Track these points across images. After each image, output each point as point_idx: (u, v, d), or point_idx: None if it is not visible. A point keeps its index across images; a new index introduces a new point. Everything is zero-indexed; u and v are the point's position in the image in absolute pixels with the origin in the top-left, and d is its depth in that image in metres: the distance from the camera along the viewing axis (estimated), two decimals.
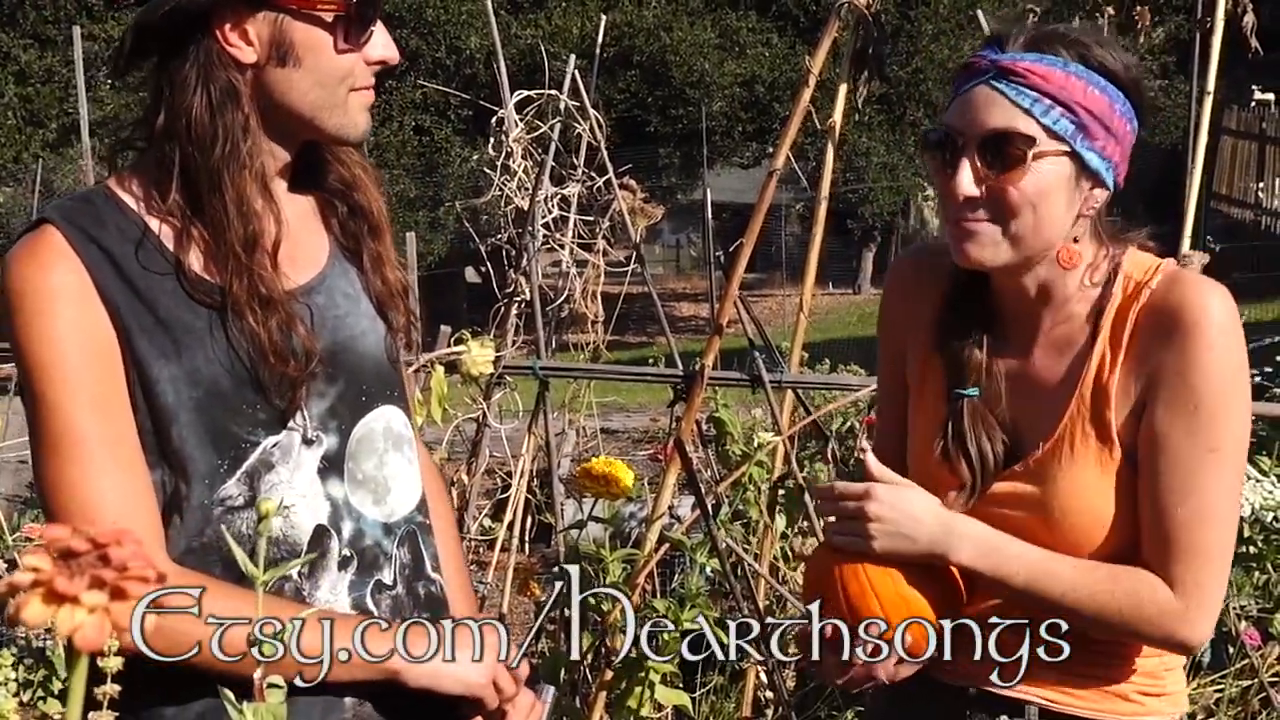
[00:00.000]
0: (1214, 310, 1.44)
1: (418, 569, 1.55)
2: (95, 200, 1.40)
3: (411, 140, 18.15)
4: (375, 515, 1.49)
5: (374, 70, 1.46)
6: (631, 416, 9.22)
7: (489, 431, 3.50)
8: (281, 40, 1.38)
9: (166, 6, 1.35)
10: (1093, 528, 1.51)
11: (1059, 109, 1.43)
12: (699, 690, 3.43)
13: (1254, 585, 3.41)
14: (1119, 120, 1.47)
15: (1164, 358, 1.46)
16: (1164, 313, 1.47)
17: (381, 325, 1.54)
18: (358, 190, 1.54)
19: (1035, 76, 1.43)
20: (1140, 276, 1.51)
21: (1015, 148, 1.43)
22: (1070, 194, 1.46)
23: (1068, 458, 1.51)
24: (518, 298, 3.40)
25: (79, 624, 0.46)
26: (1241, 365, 1.46)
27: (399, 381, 1.59)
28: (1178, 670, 1.62)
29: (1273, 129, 16.12)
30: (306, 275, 1.48)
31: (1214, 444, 1.45)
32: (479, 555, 3.95)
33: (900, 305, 1.70)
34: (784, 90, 18.12)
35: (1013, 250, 1.48)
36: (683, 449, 2.82)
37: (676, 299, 21.77)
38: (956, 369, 1.58)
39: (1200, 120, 3.18)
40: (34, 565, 0.47)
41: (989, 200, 1.46)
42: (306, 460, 1.43)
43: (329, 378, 1.45)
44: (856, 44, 2.88)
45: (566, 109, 3.49)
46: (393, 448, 1.53)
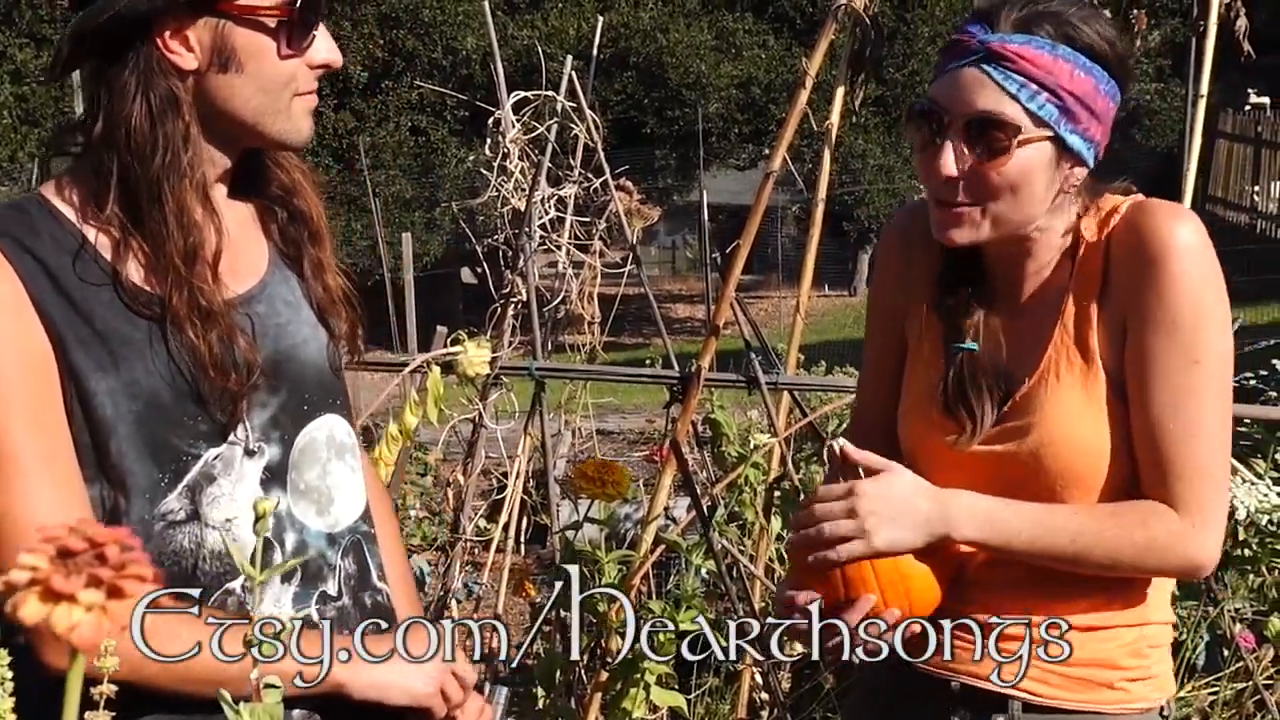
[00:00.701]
0: (1180, 231, 1.47)
1: (364, 579, 1.52)
2: (29, 209, 1.36)
3: (408, 141, 18.14)
4: (318, 526, 1.46)
5: (317, 75, 1.43)
6: (627, 418, 9.23)
7: (485, 432, 3.50)
8: (223, 46, 1.35)
9: (106, 14, 1.31)
10: (1080, 455, 1.51)
11: (1045, 94, 1.45)
12: (694, 692, 3.43)
13: (1249, 588, 3.41)
14: (1102, 100, 1.49)
15: (1139, 282, 1.48)
16: (1134, 237, 1.50)
17: (323, 333, 1.52)
18: (297, 196, 1.51)
19: (1024, 61, 1.45)
20: (1107, 207, 1.55)
21: (1000, 133, 1.45)
22: (1050, 174, 1.49)
23: (1053, 385, 1.53)
24: (514, 299, 3.40)
25: (76, 622, 0.46)
26: (1214, 280, 1.48)
27: (342, 390, 1.56)
28: (1162, 651, 1.62)
29: (1268, 132, 16.16)
30: (247, 284, 1.45)
31: (1196, 356, 1.47)
32: (474, 556, 3.95)
33: (896, 265, 1.72)
34: (780, 92, 18.13)
35: (992, 229, 1.51)
36: (679, 450, 2.82)
37: (672, 300, 21.77)
38: (954, 325, 1.60)
39: (1195, 123, 3.19)
40: (31, 563, 0.46)
41: (969, 180, 1.48)
42: (249, 472, 1.41)
43: (271, 388, 1.43)
44: (854, 46, 2.88)
45: (563, 110, 3.49)
46: (335, 457, 1.50)
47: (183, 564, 1.36)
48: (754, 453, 3.32)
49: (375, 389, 3.94)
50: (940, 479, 1.59)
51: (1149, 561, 1.50)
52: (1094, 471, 1.51)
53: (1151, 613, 1.59)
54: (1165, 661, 1.63)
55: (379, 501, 1.64)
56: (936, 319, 1.64)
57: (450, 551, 3.65)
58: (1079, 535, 1.48)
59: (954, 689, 1.60)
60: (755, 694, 3.38)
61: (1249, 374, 4.43)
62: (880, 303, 1.75)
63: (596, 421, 4.81)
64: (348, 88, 17.55)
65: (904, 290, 1.70)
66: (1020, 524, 1.50)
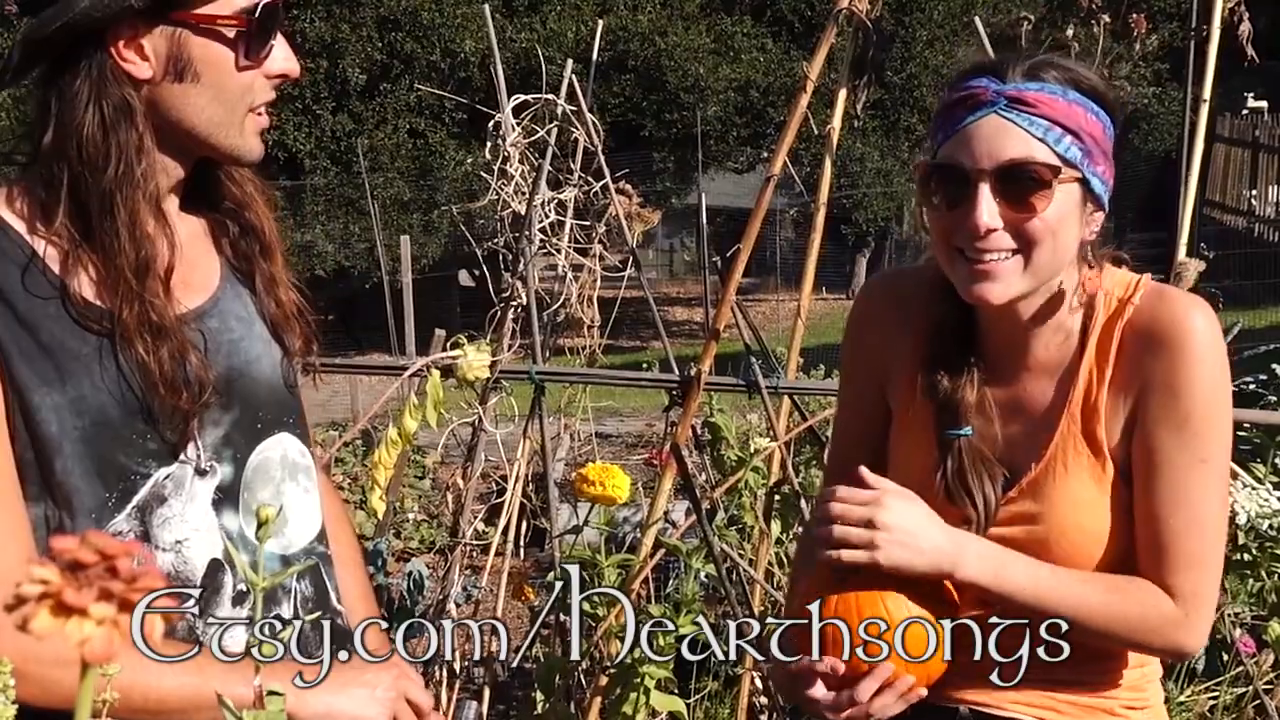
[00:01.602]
0: (1198, 325, 1.47)
1: (321, 601, 1.49)
2: None
3: (406, 143, 18.13)
4: (271, 547, 1.43)
5: (275, 84, 1.40)
6: (625, 421, 9.22)
7: (484, 435, 3.50)
8: (179, 56, 1.32)
9: (58, 22, 1.28)
10: (1089, 542, 1.52)
11: (1069, 136, 1.44)
12: (693, 696, 3.42)
13: (1248, 593, 3.40)
14: (1108, 143, 1.49)
15: (1152, 373, 1.48)
16: (1150, 329, 1.49)
17: (277, 349, 1.49)
18: (249, 209, 1.48)
19: (1044, 105, 1.43)
20: (1122, 293, 1.52)
21: (1037, 176, 1.42)
22: (1079, 219, 1.48)
23: (1061, 475, 1.52)
24: (514, 302, 3.39)
25: (87, 636, 0.45)
26: (1225, 377, 1.49)
27: (297, 408, 1.52)
28: (1157, 683, 1.66)
29: (1265, 136, 16.17)
30: (198, 299, 1.42)
31: (1204, 454, 1.48)
32: (473, 559, 3.95)
33: (876, 331, 1.68)
34: (778, 95, 18.14)
35: (1031, 280, 1.47)
36: (679, 454, 2.82)
37: (670, 303, 21.77)
38: (948, 409, 1.56)
39: (1196, 127, 3.18)
40: (42, 577, 0.46)
41: (1009, 233, 1.44)
42: (200, 492, 1.37)
43: (223, 405, 1.39)
44: (855, 50, 2.88)
45: (564, 113, 3.49)
46: (289, 477, 1.47)
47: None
48: (754, 457, 3.32)
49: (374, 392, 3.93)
50: None
51: (1138, 638, 1.52)
52: (1099, 552, 1.53)
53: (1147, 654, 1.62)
54: (1159, 693, 1.67)
55: (337, 521, 1.60)
56: (925, 400, 1.59)
57: (449, 555, 3.65)
58: (1080, 604, 1.49)
59: (962, 714, 1.61)
60: (754, 699, 3.37)
61: (1248, 379, 4.42)
62: (858, 368, 1.71)
63: (595, 425, 4.81)
64: (346, 90, 17.54)
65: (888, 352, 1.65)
66: (1026, 580, 1.50)
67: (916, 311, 1.61)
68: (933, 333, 1.58)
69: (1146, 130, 18.04)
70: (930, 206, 1.49)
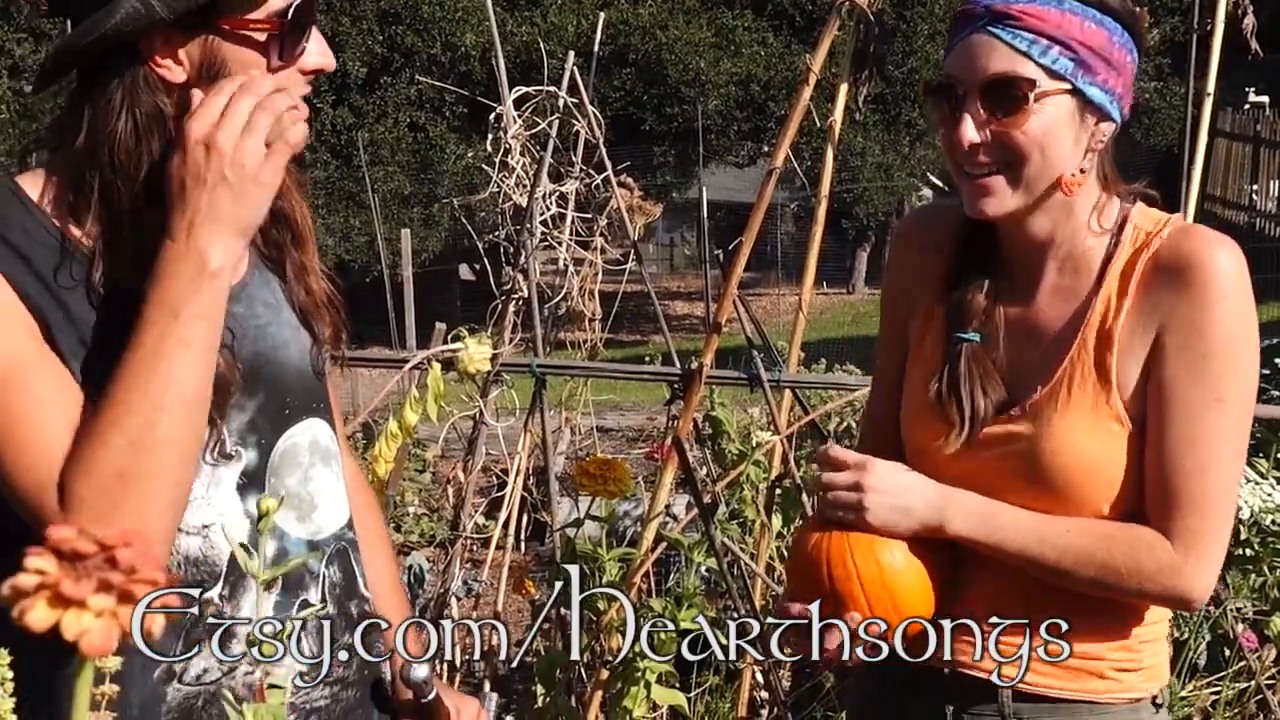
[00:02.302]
0: (1224, 263, 1.46)
1: (350, 587, 1.48)
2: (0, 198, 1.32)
3: (406, 137, 18.13)
4: (299, 533, 1.43)
5: (309, 80, 1.40)
6: (626, 415, 9.22)
7: (485, 429, 3.49)
8: (213, 60, 1.32)
9: (92, 36, 1.28)
10: (1081, 473, 1.50)
11: (1057, 48, 1.43)
12: (694, 690, 3.42)
13: (1251, 588, 3.40)
14: (1118, 52, 1.47)
15: (1175, 306, 1.46)
16: (1176, 262, 1.47)
17: (306, 336, 1.48)
18: (282, 197, 1.46)
19: (1030, 18, 1.43)
20: (1150, 228, 1.51)
21: (1016, 91, 1.43)
22: (1076, 130, 1.47)
23: (1064, 400, 1.51)
24: (515, 295, 3.38)
25: (86, 628, 0.45)
26: (1252, 320, 1.47)
27: (325, 394, 1.52)
28: (1157, 644, 1.61)
29: (1267, 131, 16.15)
30: None
31: (1221, 393, 1.45)
32: (474, 553, 3.94)
33: (908, 262, 1.70)
34: (779, 89, 18.13)
35: (1024, 195, 1.48)
36: (681, 448, 2.81)
37: (671, 297, 21.76)
38: (958, 314, 1.58)
39: (1198, 122, 3.18)
40: (39, 568, 0.45)
41: (995, 147, 1.46)
42: (224, 477, 1.37)
43: (248, 390, 1.39)
44: (857, 43, 2.87)
45: (565, 106, 3.48)
46: (320, 462, 1.47)
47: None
48: (755, 450, 3.32)
49: (375, 385, 3.93)
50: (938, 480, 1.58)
51: (1132, 584, 1.49)
52: (1090, 486, 1.50)
53: (1145, 613, 1.59)
54: (1159, 654, 1.63)
55: (367, 509, 1.60)
56: (943, 312, 1.61)
57: (450, 549, 3.64)
58: (1070, 550, 1.48)
59: (946, 675, 1.60)
60: (756, 692, 3.37)
61: None
62: (891, 307, 1.73)
63: (596, 418, 4.80)
64: (346, 84, 17.53)
65: (914, 289, 1.67)
66: (1014, 531, 1.50)
67: (945, 239, 1.62)
68: (955, 251, 1.61)
69: (1148, 125, 18.03)
70: (936, 125, 1.52)
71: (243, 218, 1.27)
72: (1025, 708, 1.57)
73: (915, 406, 1.63)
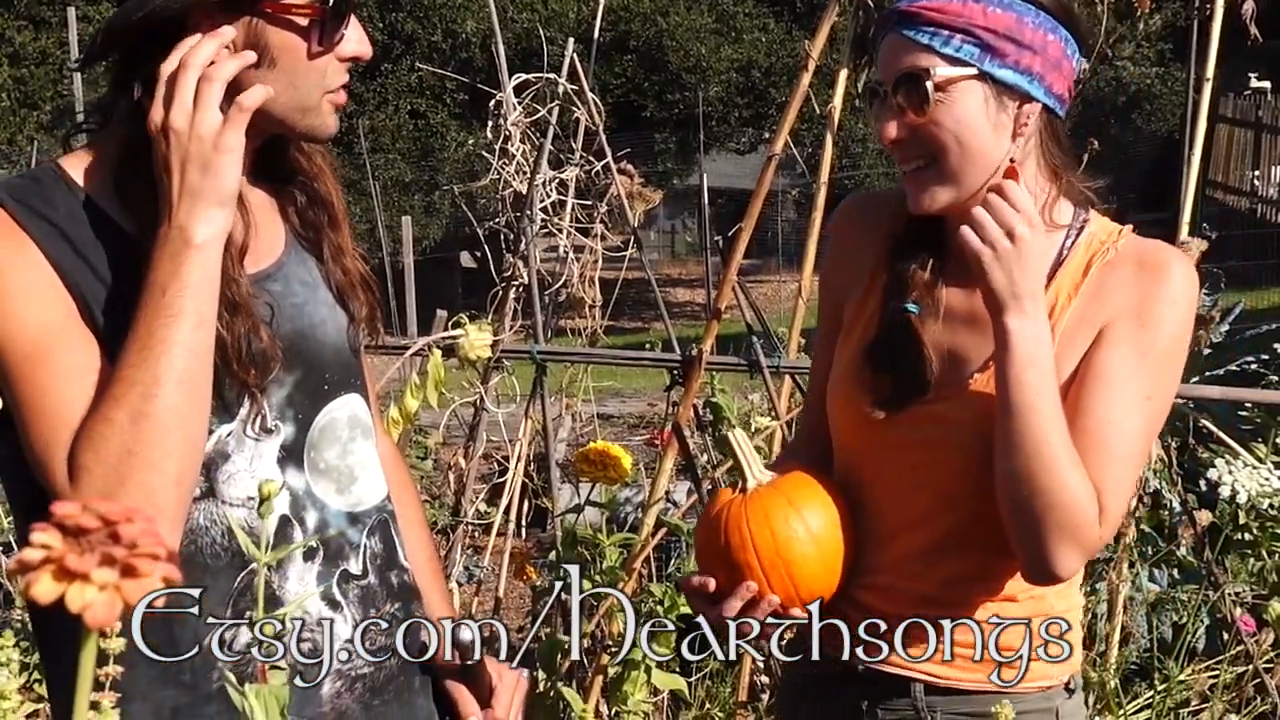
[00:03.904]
0: (1179, 271, 1.49)
1: (390, 558, 1.52)
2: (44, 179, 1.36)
3: (407, 124, 18.12)
4: (339, 505, 1.47)
5: (347, 67, 1.43)
6: (626, 402, 9.23)
7: (486, 416, 3.50)
8: (256, 43, 1.35)
9: (140, 12, 1.31)
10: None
11: (959, 36, 1.45)
12: (695, 675, 3.44)
13: (1249, 572, 3.42)
14: (1031, 32, 1.46)
15: (1126, 302, 1.48)
16: (1131, 262, 1.50)
17: (342, 314, 1.52)
18: (319, 181, 1.52)
19: (930, 12, 1.46)
20: (1104, 237, 1.54)
21: (920, 83, 1.46)
22: (995, 116, 1.48)
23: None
24: (516, 282, 3.39)
25: (89, 601, 0.46)
26: (1188, 332, 1.50)
27: (361, 372, 1.56)
28: (1069, 633, 1.60)
29: (1268, 117, 16.13)
30: (263, 263, 1.46)
31: (1151, 392, 1.47)
32: (475, 539, 3.95)
33: (847, 247, 1.70)
34: (780, 76, 18.11)
35: (955, 187, 1.49)
36: (681, 434, 2.82)
37: (671, 284, 21.75)
38: (898, 286, 1.57)
39: (1199, 108, 3.18)
40: (44, 542, 0.46)
41: (914, 142, 1.49)
42: (265, 450, 1.41)
43: (287, 366, 1.42)
44: (857, 29, 2.88)
45: (565, 93, 3.48)
46: (360, 436, 1.51)
47: (198, 541, 1.36)
48: (755, 436, 3.32)
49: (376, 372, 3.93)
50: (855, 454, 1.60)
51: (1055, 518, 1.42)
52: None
53: (1055, 601, 1.58)
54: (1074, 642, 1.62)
55: (401, 483, 1.65)
56: (883, 283, 1.60)
57: (451, 535, 3.66)
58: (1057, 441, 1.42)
59: (860, 671, 1.62)
60: (756, 677, 3.38)
61: (1249, 358, 4.42)
62: (827, 293, 1.72)
63: (597, 405, 4.81)
64: None
65: (853, 271, 1.66)
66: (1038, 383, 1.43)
67: (885, 220, 1.62)
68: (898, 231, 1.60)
69: (1149, 111, 18.00)
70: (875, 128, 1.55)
71: (217, 188, 1.29)
72: (939, 700, 1.59)
73: (842, 375, 1.61)
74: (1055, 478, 1.42)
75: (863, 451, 1.60)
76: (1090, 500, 1.44)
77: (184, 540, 1.35)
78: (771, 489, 1.57)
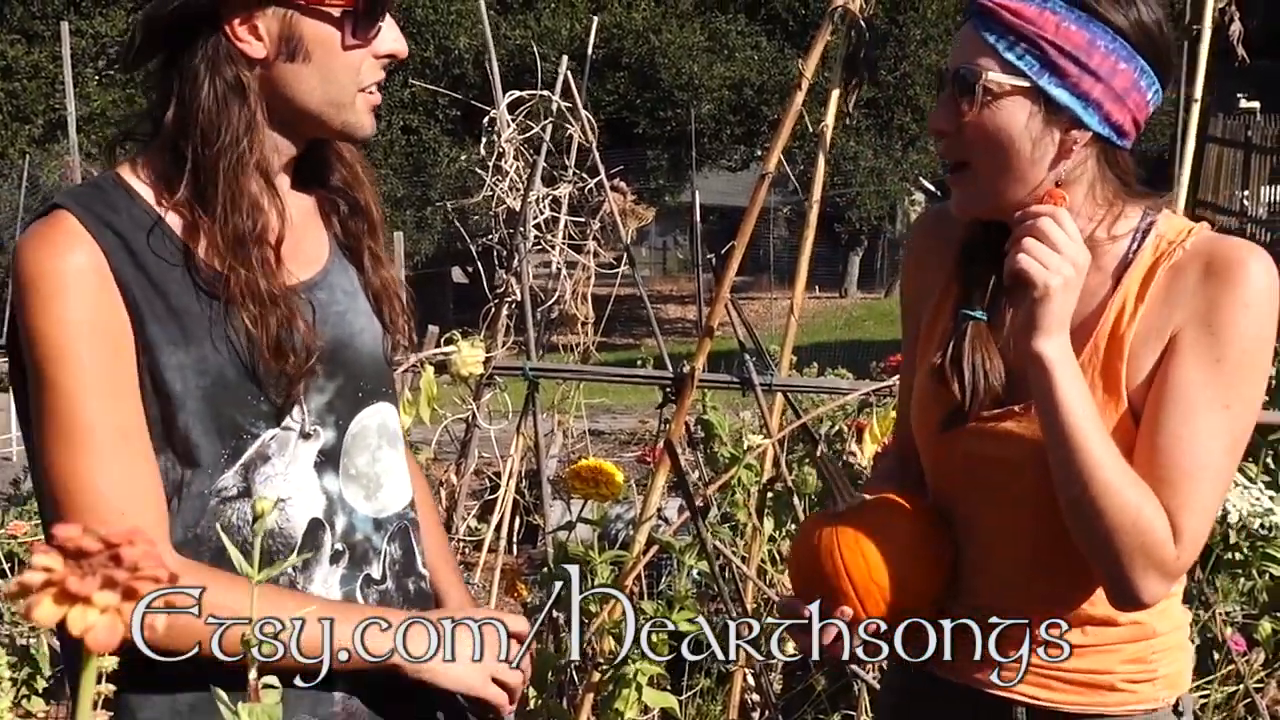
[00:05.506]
0: (1254, 268, 1.39)
1: (409, 565, 1.55)
2: (106, 187, 1.39)
3: (399, 140, 18.14)
4: (366, 510, 1.49)
5: (383, 64, 1.46)
6: (618, 418, 9.23)
7: (478, 432, 3.50)
8: (290, 35, 1.38)
9: (175, 3, 1.35)
10: None
11: (1023, 44, 1.40)
12: (686, 693, 3.43)
13: (1240, 592, 3.42)
14: (1103, 57, 1.40)
15: (1194, 308, 1.40)
16: (1200, 265, 1.41)
17: (378, 324, 1.55)
18: (358, 190, 1.55)
19: (1005, 13, 1.40)
20: (1173, 237, 1.46)
21: (970, 82, 1.41)
22: (1039, 134, 1.42)
23: None
24: (508, 298, 3.39)
25: (91, 624, 0.45)
26: (1272, 332, 1.40)
27: (393, 381, 1.60)
28: (1173, 652, 1.56)
29: (1258, 137, 16.20)
30: (310, 271, 1.49)
31: (1229, 400, 1.39)
32: (466, 556, 3.95)
33: (923, 257, 1.66)
34: (772, 94, 18.16)
35: (988, 196, 1.46)
36: (673, 451, 2.82)
37: (663, 301, 21.78)
38: (968, 293, 1.52)
39: (1188, 127, 3.19)
40: (46, 565, 0.46)
41: (956, 139, 1.45)
42: (303, 454, 1.44)
43: (327, 373, 1.46)
44: (850, 48, 2.89)
45: (558, 110, 3.49)
46: (387, 444, 1.54)
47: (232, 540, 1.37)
48: (747, 454, 3.32)
49: None
50: (940, 474, 1.57)
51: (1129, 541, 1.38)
52: None
53: (1157, 623, 1.53)
54: (1177, 662, 1.57)
55: (421, 491, 1.67)
56: (955, 292, 1.55)
57: None
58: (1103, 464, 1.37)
59: (959, 689, 1.58)
60: (747, 695, 3.38)
61: None
62: (908, 305, 1.69)
63: (589, 422, 4.81)
64: None
65: (929, 282, 1.63)
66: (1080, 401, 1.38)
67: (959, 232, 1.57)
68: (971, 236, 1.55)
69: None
70: None
71: None
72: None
73: (919, 392, 1.59)
74: (1113, 500, 1.38)
75: (945, 469, 1.56)
76: (1157, 520, 1.38)
77: (215, 538, 1.36)
78: (861, 514, 1.56)
